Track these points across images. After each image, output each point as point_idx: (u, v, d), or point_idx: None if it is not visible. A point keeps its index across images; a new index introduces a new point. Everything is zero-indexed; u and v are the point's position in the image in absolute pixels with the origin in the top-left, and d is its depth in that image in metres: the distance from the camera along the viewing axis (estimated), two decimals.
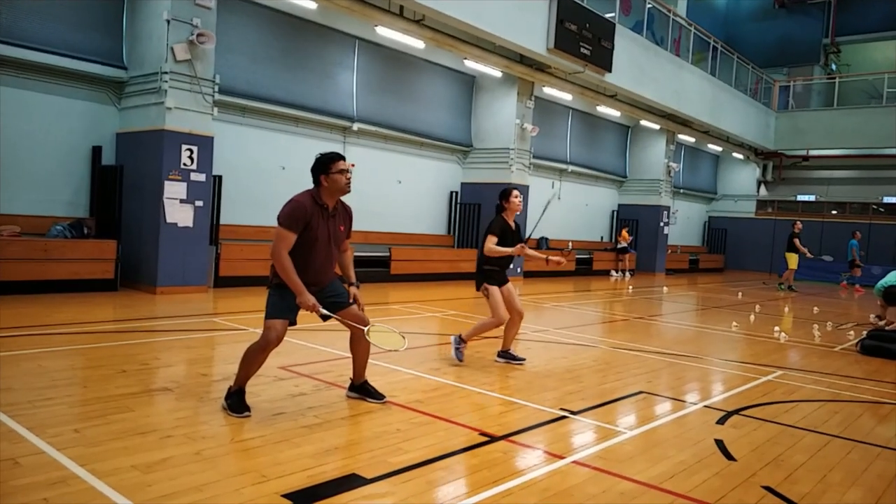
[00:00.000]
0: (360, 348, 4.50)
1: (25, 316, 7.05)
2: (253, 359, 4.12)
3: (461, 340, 6.06)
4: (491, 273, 5.99)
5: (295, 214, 4.06)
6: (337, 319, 4.29)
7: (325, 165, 4.18)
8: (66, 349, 5.72)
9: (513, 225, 6.06)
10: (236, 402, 4.14)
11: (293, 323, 4.18)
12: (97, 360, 5.39)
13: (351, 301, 4.37)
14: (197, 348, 6.09)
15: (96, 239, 9.34)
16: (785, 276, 17.97)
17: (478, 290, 6.07)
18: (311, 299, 4.05)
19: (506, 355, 6.27)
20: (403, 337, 4.42)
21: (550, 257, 6.04)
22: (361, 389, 4.62)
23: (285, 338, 4.12)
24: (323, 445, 3.66)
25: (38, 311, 7.40)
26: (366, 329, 4.32)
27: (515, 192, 6.07)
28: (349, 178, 4.22)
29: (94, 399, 4.23)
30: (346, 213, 4.43)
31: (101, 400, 4.21)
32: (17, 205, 9.12)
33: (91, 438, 3.53)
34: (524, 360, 6.23)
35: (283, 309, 4.10)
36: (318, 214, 4.15)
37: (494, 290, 5.95)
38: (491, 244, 5.86)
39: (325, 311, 4.15)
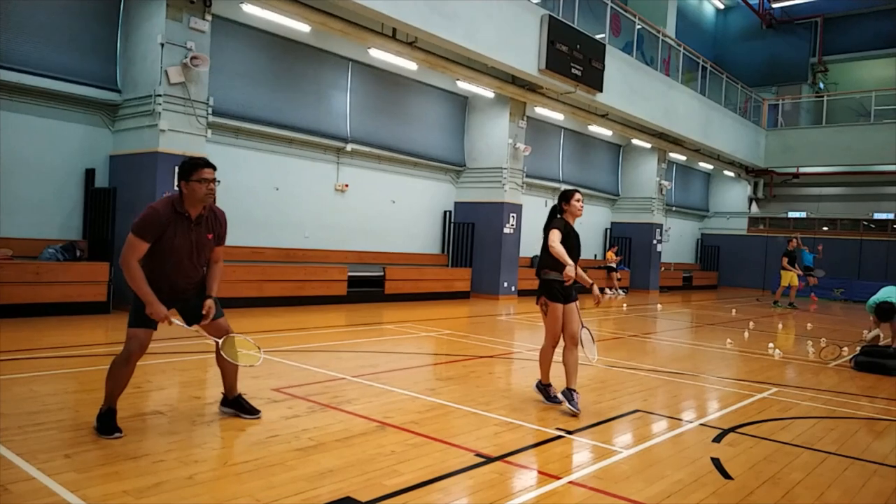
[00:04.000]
0: (226, 361, 4.29)
1: (17, 339, 6.98)
2: (118, 372, 3.96)
3: (544, 385, 5.40)
4: (553, 285, 5.11)
5: (147, 223, 3.81)
6: (202, 329, 4.17)
7: (186, 172, 3.89)
8: (58, 373, 5.66)
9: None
10: (105, 423, 3.93)
11: (155, 329, 4.00)
12: (89, 383, 5.33)
13: (213, 314, 4.08)
14: (190, 371, 6.04)
15: (89, 261, 9.30)
16: (777, 293, 18.05)
17: (537, 303, 5.25)
18: (162, 310, 3.82)
19: (542, 390, 5.46)
20: (259, 348, 4.25)
21: (596, 290, 5.19)
22: (235, 404, 4.46)
23: (281, 359, 4.09)
24: (317, 468, 3.62)
25: (29, 334, 7.34)
26: (220, 341, 4.11)
27: (578, 196, 5.25)
28: (211, 189, 3.91)
29: (85, 424, 4.18)
30: (217, 219, 4.14)
31: (92, 424, 4.16)
32: (9, 227, 9.09)
33: (82, 464, 3.49)
34: (562, 401, 5.17)
35: (144, 317, 3.91)
36: (176, 223, 3.90)
37: (556, 308, 5.13)
38: (555, 240, 4.97)
39: (178, 322, 3.92)
